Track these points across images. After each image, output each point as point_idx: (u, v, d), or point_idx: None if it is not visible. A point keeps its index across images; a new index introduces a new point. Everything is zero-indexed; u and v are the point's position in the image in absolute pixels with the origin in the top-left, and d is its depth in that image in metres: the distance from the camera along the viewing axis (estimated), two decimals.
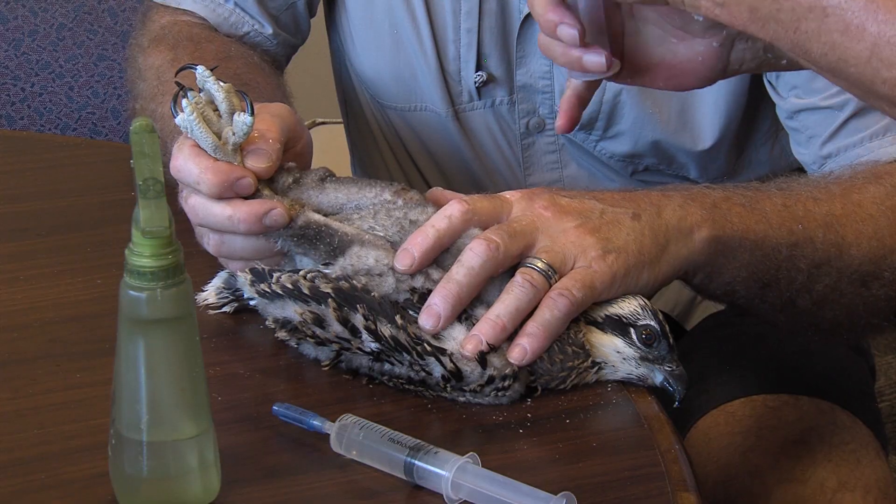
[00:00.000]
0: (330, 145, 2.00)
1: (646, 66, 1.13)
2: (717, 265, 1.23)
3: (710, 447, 1.44)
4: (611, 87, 1.50)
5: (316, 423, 1.07)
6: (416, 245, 1.15)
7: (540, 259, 1.16)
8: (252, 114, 1.17)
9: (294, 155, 1.25)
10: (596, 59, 1.10)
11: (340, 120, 1.78)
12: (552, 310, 1.14)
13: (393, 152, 1.67)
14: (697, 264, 1.22)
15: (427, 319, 1.13)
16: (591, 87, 1.16)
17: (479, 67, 1.54)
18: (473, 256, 1.14)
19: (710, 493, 1.39)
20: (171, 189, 1.03)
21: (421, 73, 1.57)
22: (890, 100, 0.99)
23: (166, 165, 1.20)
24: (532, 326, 1.14)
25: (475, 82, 1.55)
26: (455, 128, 1.58)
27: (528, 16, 1.49)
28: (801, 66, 1.04)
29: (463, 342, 1.13)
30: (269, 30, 1.57)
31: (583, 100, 1.17)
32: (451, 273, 1.14)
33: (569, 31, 1.09)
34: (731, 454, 1.41)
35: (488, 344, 1.12)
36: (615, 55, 1.12)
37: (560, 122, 1.17)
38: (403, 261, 1.15)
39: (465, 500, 1.02)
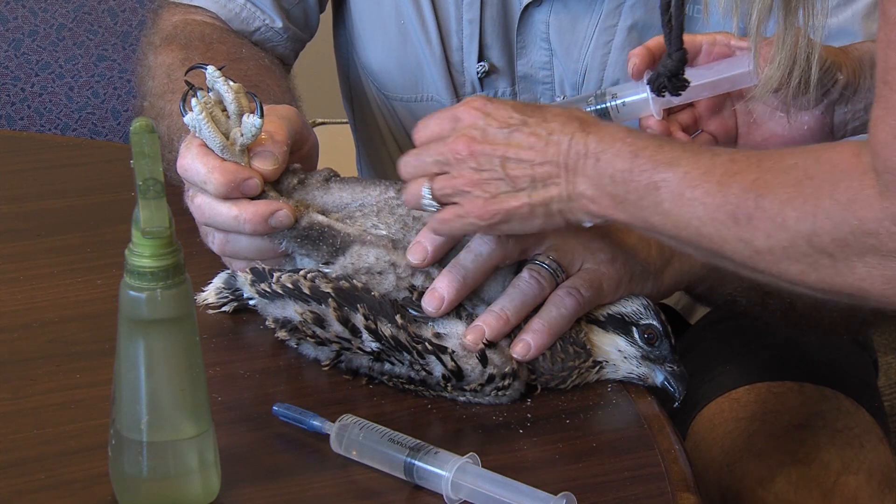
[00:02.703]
0: (330, 145, 1.99)
1: (761, 138, 1.23)
2: (719, 277, 1.24)
3: (715, 433, 1.43)
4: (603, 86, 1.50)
5: (316, 423, 1.07)
6: (431, 239, 1.15)
7: (548, 257, 1.16)
8: (261, 115, 1.17)
9: (300, 157, 1.25)
10: None
11: (341, 120, 1.78)
12: (559, 307, 1.14)
13: (398, 145, 1.67)
14: (700, 277, 1.23)
15: (430, 302, 1.13)
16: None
17: (481, 58, 1.55)
18: (483, 244, 1.15)
19: (716, 476, 1.39)
20: (172, 189, 1.03)
21: (426, 64, 1.57)
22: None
23: (173, 163, 1.21)
24: (538, 323, 1.14)
25: (478, 73, 1.55)
26: None
27: (528, 6, 1.50)
28: None
29: (465, 332, 1.13)
30: (279, 24, 1.58)
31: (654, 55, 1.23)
32: (458, 258, 1.15)
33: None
34: (736, 438, 1.41)
35: (488, 340, 1.12)
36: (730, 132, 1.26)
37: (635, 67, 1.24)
38: (417, 254, 1.15)
39: (465, 501, 1.02)
